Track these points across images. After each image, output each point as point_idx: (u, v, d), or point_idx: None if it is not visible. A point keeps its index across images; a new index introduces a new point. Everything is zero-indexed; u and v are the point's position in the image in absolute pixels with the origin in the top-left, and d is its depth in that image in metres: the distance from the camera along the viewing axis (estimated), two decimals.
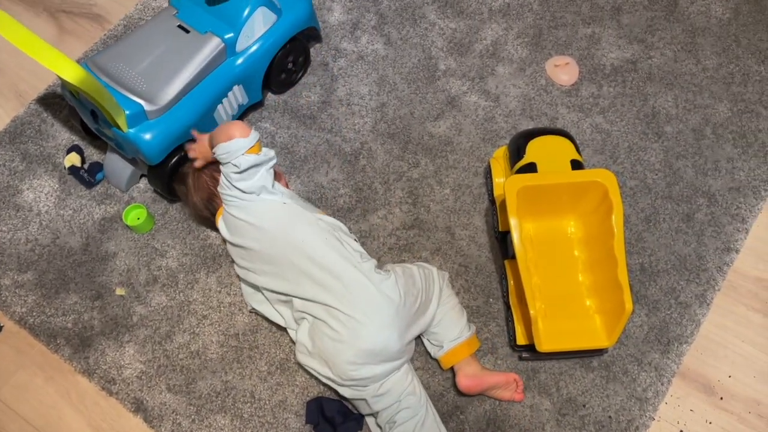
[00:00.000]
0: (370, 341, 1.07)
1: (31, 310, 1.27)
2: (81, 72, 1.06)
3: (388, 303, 1.09)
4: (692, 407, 1.21)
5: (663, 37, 1.60)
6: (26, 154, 1.43)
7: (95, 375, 1.22)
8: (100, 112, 1.19)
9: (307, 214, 1.15)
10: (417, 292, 1.14)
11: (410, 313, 1.12)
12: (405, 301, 1.11)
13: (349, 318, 1.07)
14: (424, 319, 1.16)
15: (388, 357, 1.09)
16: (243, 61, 1.33)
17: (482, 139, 1.46)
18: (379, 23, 1.61)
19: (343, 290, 1.08)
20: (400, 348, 1.10)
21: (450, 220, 1.37)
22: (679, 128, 1.47)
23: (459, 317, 1.20)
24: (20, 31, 1.06)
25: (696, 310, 1.28)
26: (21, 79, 1.54)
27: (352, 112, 1.49)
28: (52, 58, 1.05)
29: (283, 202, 1.15)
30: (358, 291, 1.08)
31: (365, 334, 1.07)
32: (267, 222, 1.13)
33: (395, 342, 1.08)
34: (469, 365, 1.18)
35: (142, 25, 1.34)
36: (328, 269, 1.09)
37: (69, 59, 1.05)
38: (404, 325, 1.11)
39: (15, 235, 1.34)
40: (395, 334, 1.08)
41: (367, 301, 1.08)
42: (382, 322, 1.08)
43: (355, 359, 1.07)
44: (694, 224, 1.36)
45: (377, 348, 1.07)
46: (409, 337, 1.12)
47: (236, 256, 1.18)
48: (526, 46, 1.58)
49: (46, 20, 1.63)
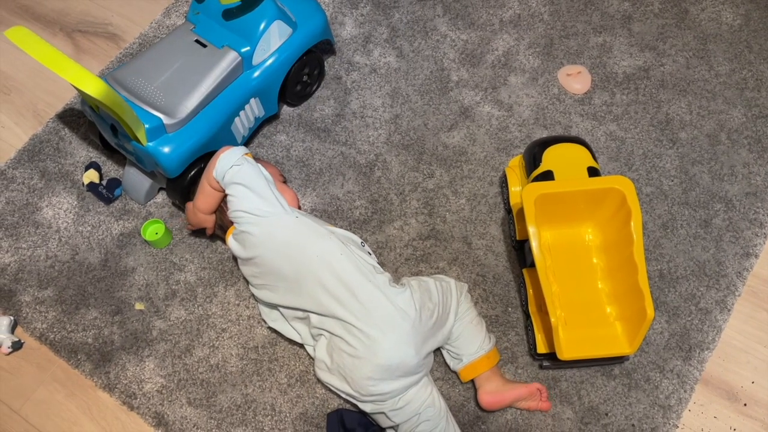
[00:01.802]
0: (387, 357, 1.06)
1: (51, 326, 1.28)
2: (103, 86, 1.07)
3: (403, 318, 1.08)
4: (716, 414, 1.20)
5: (674, 44, 1.60)
6: (45, 172, 1.44)
7: (116, 390, 1.22)
8: (120, 126, 1.21)
9: (320, 228, 1.15)
10: (433, 306, 1.13)
11: (427, 328, 1.11)
12: (421, 315, 1.10)
13: (365, 334, 1.07)
14: (442, 333, 1.15)
15: (406, 372, 1.08)
16: (259, 74, 1.35)
17: (496, 148, 1.46)
18: (391, 36, 1.62)
19: (359, 305, 1.08)
20: (417, 362, 1.09)
21: (466, 229, 1.37)
22: (694, 134, 1.47)
23: (478, 331, 1.19)
24: (43, 47, 1.08)
25: (717, 316, 1.27)
26: (39, 99, 1.56)
27: (366, 125, 1.50)
28: (75, 73, 1.06)
29: (296, 216, 1.15)
30: (373, 306, 1.08)
31: (381, 350, 1.06)
32: (280, 237, 1.13)
33: (412, 357, 1.08)
34: (489, 381, 1.17)
35: (160, 41, 1.35)
36: (344, 283, 1.09)
37: (91, 74, 1.07)
38: (420, 339, 1.10)
39: (35, 252, 1.36)
40: (412, 349, 1.08)
41: (382, 316, 1.07)
42: (398, 337, 1.07)
43: (372, 374, 1.07)
44: (712, 230, 1.36)
45: (394, 363, 1.07)
46: (426, 351, 1.12)
47: (250, 276, 1.18)
48: (538, 55, 1.59)
49: (63, 40, 1.66)
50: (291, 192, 1.25)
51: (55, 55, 1.07)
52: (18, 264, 1.34)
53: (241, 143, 1.40)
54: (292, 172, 1.44)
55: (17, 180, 1.43)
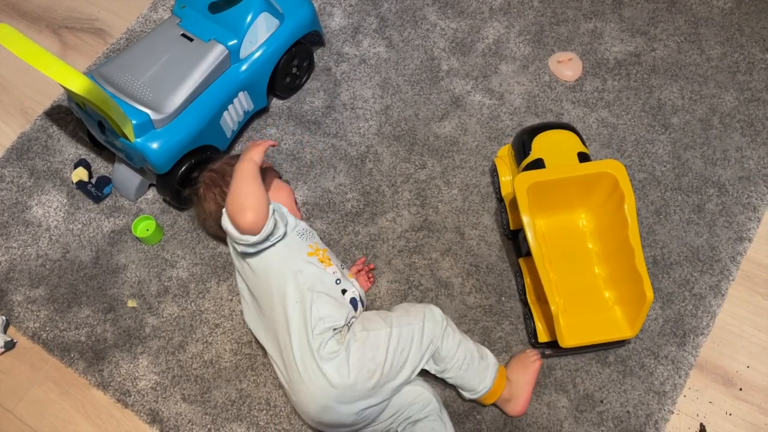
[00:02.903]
0: (306, 411, 1.05)
1: (44, 325, 1.27)
2: (88, 83, 1.06)
3: (326, 384, 1.01)
4: (711, 399, 1.20)
5: (665, 28, 1.59)
6: (34, 170, 1.43)
7: (110, 387, 1.22)
8: (107, 122, 1.20)
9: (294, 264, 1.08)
10: (375, 366, 1.03)
11: (363, 389, 1.03)
12: (354, 380, 1.01)
13: (292, 380, 1.05)
14: (390, 386, 1.06)
15: (340, 423, 1.06)
16: (247, 67, 1.34)
17: (488, 137, 1.45)
18: (380, 26, 1.61)
19: (292, 355, 1.04)
20: (353, 419, 1.05)
21: (459, 220, 1.36)
22: (686, 119, 1.47)
23: (473, 372, 1.11)
24: (26, 44, 1.07)
25: (711, 301, 1.27)
26: (26, 96, 1.54)
27: (357, 116, 1.49)
28: (59, 70, 1.05)
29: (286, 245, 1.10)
30: (303, 365, 1.02)
31: (301, 404, 1.05)
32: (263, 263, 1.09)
33: (343, 415, 1.04)
34: (508, 400, 1.15)
35: (146, 35, 1.34)
36: (289, 329, 1.04)
37: (75, 71, 1.06)
38: (352, 399, 1.03)
39: (25, 251, 1.35)
40: (340, 408, 1.03)
41: (308, 377, 1.02)
42: (319, 398, 1.02)
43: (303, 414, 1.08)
44: (705, 215, 1.35)
45: (319, 419, 1.05)
46: (365, 405, 1.04)
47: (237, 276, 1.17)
48: (529, 43, 1.58)
49: (49, 36, 1.64)
50: (287, 189, 1.23)
51: (39, 52, 1.06)
52: (9, 263, 1.33)
53: (230, 138, 1.39)
54: (283, 166, 1.43)
55: (6, 179, 1.42)
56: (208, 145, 1.33)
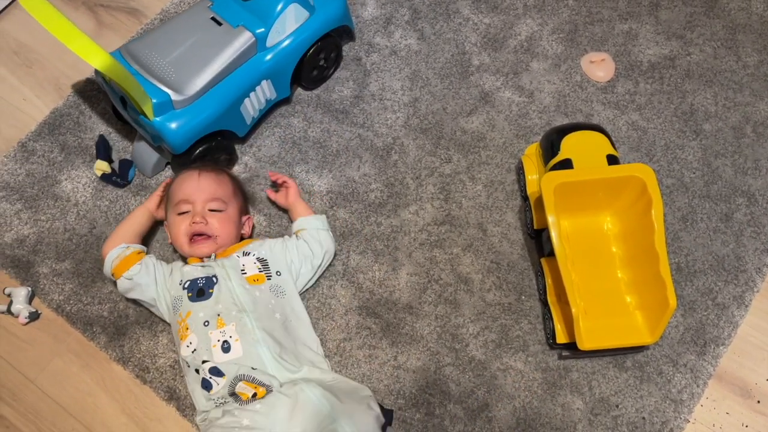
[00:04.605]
0: None
1: (68, 299, 1.30)
2: (109, 60, 1.07)
3: None
4: (728, 410, 1.19)
5: (702, 33, 1.57)
6: (65, 146, 1.45)
7: (130, 363, 1.24)
8: (129, 99, 1.21)
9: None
10: None
11: None
12: None
13: None
14: None
15: None
16: (272, 57, 1.34)
17: (516, 135, 1.45)
18: (413, 18, 1.61)
19: None
20: None
21: (482, 216, 1.36)
22: (718, 126, 1.44)
23: None
24: (54, 16, 1.07)
25: (734, 311, 1.25)
26: (61, 73, 1.56)
27: (385, 107, 1.49)
28: (82, 45, 1.06)
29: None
30: None
31: None
32: None
33: None
34: None
35: (177, 16, 1.35)
36: None
37: (98, 47, 1.07)
38: None
39: (53, 224, 1.37)
40: None
41: None
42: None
43: None
44: (733, 224, 1.33)
45: None
46: None
47: None
48: (562, 41, 1.57)
49: (85, 14, 1.66)
50: (249, 222, 1.31)
51: (65, 25, 1.07)
52: (37, 236, 1.36)
53: (250, 124, 1.39)
54: (309, 153, 1.43)
55: (37, 152, 1.45)
56: (226, 130, 1.34)
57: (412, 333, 1.25)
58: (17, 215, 1.37)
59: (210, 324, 1.10)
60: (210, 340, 1.09)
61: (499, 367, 1.22)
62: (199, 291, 1.14)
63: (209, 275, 1.15)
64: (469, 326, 1.26)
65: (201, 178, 1.22)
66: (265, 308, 1.14)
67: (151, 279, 1.17)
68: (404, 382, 1.21)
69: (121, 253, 1.19)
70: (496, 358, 1.23)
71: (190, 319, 1.12)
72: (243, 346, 1.08)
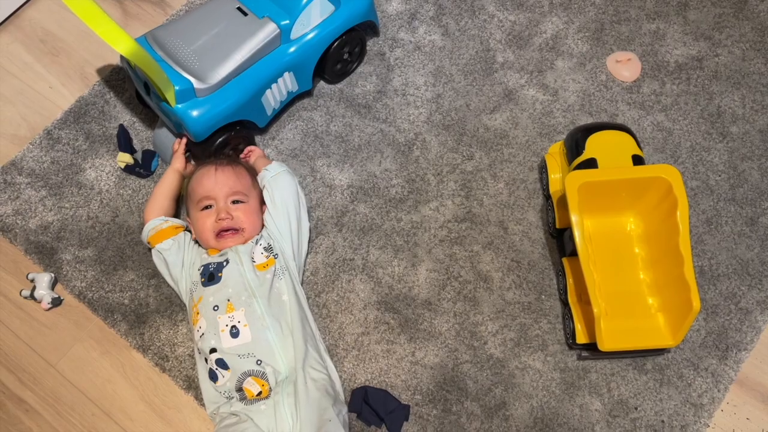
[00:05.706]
0: None
1: (90, 285, 1.31)
2: (133, 46, 1.08)
3: None
4: (749, 416, 1.17)
5: (731, 34, 1.55)
6: (89, 134, 1.47)
7: (149, 351, 1.25)
8: (152, 85, 1.22)
9: None
10: None
11: None
12: None
13: None
14: None
15: None
16: (296, 49, 1.34)
17: (539, 133, 1.44)
18: (438, 14, 1.60)
19: None
20: None
21: (503, 214, 1.35)
22: (746, 129, 1.43)
23: None
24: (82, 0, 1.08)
25: (757, 316, 1.24)
26: (86, 62, 1.58)
27: (407, 103, 1.49)
28: (108, 30, 1.07)
29: None
30: None
31: None
32: None
33: None
34: None
35: (203, 5, 1.36)
36: None
37: (124, 33, 1.08)
38: None
39: (77, 212, 1.38)
40: None
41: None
42: None
43: None
44: (758, 228, 1.32)
45: None
46: None
47: None
48: (587, 40, 1.55)
49: (111, 4, 1.67)
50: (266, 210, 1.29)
51: (93, 10, 1.08)
52: (60, 223, 1.37)
53: (270, 115, 1.40)
54: (331, 147, 1.43)
55: (62, 140, 1.46)
56: (247, 120, 1.34)
57: (431, 329, 1.25)
58: (42, 202, 1.39)
59: (219, 309, 1.12)
60: (218, 325, 1.11)
61: (518, 365, 1.21)
62: (210, 275, 1.16)
63: (221, 260, 1.17)
64: (487, 324, 1.25)
65: (218, 173, 1.23)
66: (275, 293, 1.15)
67: (179, 259, 1.20)
68: (422, 378, 1.21)
69: (158, 225, 1.23)
70: (515, 356, 1.22)
71: (201, 304, 1.14)
72: (252, 331, 1.10)
